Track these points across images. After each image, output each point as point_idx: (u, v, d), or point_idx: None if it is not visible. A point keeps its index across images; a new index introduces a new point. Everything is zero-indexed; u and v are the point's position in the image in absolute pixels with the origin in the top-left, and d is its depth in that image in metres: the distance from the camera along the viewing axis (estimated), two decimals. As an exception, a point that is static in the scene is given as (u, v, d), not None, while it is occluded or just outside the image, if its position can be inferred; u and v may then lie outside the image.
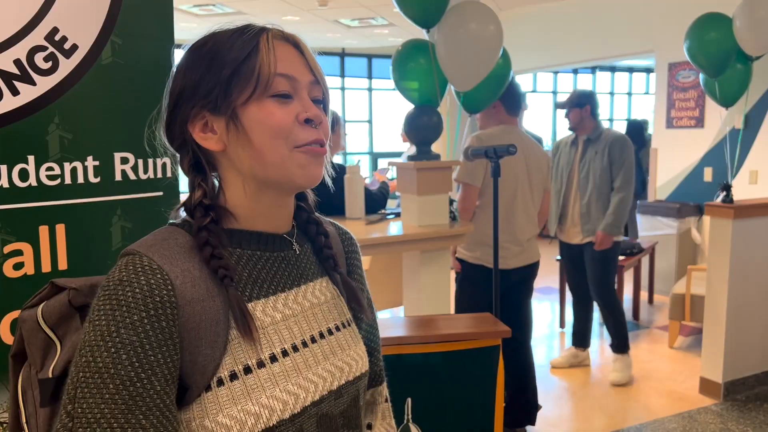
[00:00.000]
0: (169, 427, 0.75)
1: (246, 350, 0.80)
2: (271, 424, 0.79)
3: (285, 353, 0.84)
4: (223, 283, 0.80)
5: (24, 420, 0.92)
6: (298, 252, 0.93)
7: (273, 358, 0.82)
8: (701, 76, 3.77)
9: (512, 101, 3.07)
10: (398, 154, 6.26)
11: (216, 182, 0.89)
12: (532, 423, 3.14)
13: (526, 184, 3.02)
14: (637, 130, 6.88)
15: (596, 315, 4.43)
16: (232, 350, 0.79)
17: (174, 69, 0.87)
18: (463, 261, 3.10)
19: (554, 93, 10.90)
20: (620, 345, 3.88)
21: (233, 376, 0.78)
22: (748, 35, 3.41)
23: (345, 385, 0.90)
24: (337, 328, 0.93)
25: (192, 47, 0.86)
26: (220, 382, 0.78)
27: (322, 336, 0.90)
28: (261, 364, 0.81)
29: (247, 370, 0.79)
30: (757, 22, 3.37)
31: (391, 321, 2.49)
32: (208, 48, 0.84)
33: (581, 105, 3.72)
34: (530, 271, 3.10)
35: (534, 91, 10.84)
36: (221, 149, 0.84)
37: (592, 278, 3.87)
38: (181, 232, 0.84)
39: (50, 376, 0.89)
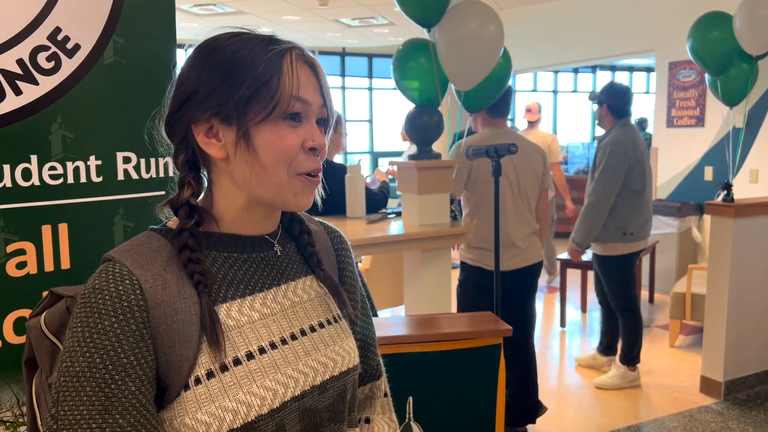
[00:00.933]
0: (148, 425, 0.77)
1: (215, 353, 0.81)
2: (249, 420, 0.80)
3: (262, 350, 0.85)
4: (197, 289, 0.82)
5: (40, 423, 0.94)
6: (279, 253, 0.94)
7: (249, 356, 0.84)
8: (706, 75, 3.77)
9: (494, 102, 3.05)
10: (399, 154, 6.27)
11: (206, 182, 0.90)
12: (533, 421, 3.14)
13: (515, 185, 3.00)
14: None
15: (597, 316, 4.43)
16: (208, 349, 0.81)
17: (186, 64, 0.87)
18: (464, 262, 3.10)
19: (554, 92, 10.91)
20: (625, 355, 3.75)
21: (210, 375, 0.80)
22: (749, 35, 3.42)
23: (329, 380, 0.91)
24: (321, 325, 0.94)
25: (210, 47, 0.86)
26: (198, 381, 0.80)
27: (303, 333, 0.91)
28: (237, 362, 0.82)
29: (224, 368, 0.81)
30: (757, 22, 3.37)
31: (392, 320, 2.50)
32: (228, 55, 0.84)
33: (600, 103, 3.62)
34: (530, 272, 3.08)
35: (534, 90, 10.84)
36: (223, 157, 0.85)
37: (605, 288, 3.77)
38: (156, 236, 0.86)
39: None
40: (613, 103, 3.57)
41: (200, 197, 0.89)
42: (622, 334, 3.78)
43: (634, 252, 3.63)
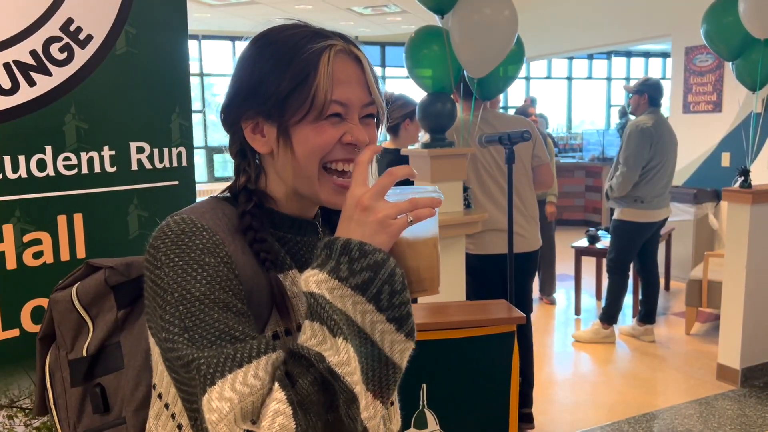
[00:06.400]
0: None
1: (286, 320, 0.83)
2: None
3: None
4: (264, 266, 0.83)
5: (51, 401, 0.94)
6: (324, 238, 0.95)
7: None
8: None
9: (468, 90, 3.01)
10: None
11: (259, 167, 0.91)
12: (529, 405, 3.10)
13: (496, 171, 2.96)
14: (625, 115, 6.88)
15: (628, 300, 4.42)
16: (275, 314, 0.82)
17: (239, 57, 0.88)
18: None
19: (569, 79, 10.82)
20: (603, 313, 4.28)
21: (275, 336, 0.81)
22: (755, 18, 3.33)
23: None
24: None
25: (259, 42, 0.87)
26: None
27: None
28: (299, 327, 0.83)
29: (288, 332, 0.82)
30: (763, 5, 3.28)
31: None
32: (273, 50, 0.84)
33: (641, 92, 4.08)
34: (524, 258, 2.99)
35: (548, 77, 10.76)
36: (268, 152, 0.86)
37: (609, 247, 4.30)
38: (225, 204, 0.87)
39: (84, 355, 0.91)
40: (654, 94, 4.08)
41: (257, 181, 0.90)
42: (606, 293, 4.28)
43: (643, 223, 4.03)
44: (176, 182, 1.41)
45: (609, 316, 4.25)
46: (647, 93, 4.08)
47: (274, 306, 0.82)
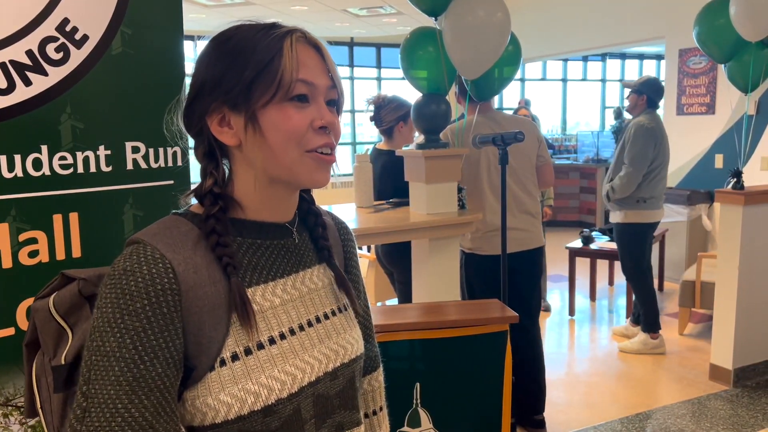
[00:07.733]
0: (168, 408, 0.79)
1: (247, 332, 0.84)
2: (269, 403, 0.83)
3: (283, 336, 0.87)
4: (225, 271, 0.83)
5: (39, 405, 0.95)
6: (297, 240, 0.96)
7: (272, 341, 0.86)
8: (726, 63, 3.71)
9: (464, 90, 3.04)
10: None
11: (227, 170, 0.91)
12: (542, 410, 3.14)
13: (493, 171, 2.97)
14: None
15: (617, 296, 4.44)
16: (234, 333, 0.83)
17: (197, 58, 0.90)
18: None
19: (564, 81, 10.85)
20: (644, 323, 4.14)
21: (234, 357, 0.82)
22: (746, 21, 3.35)
23: (340, 367, 0.93)
24: (333, 313, 0.97)
25: (217, 40, 0.88)
26: (223, 363, 0.82)
27: (318, 320, 0.93)
28: (261, 346, 0.85)
29: (248, 351, 0.83)
30: (753, 8, 3.30)
31: (400, 307, 2.51)
32: (233, 44, 0.86)
33: (640, 93, 4.04)
34: (526, 257, 3.02)
35: (543, 78, 10.78)
36: (236, 144, 0.87)
37: (620, 257, 4.19)
38: (183, 221, 0.87)
39: (63, 362, 0.92)
40: (653, 96, 4.05)
41: (224, 186, 0.90)
42: (637, 302, 4.16)
43: (648, 223, 4.02)
44: (171, 182, 1.42)
45: (650, 324, 4.12)
46: (647, 94, 4.04)
47: (236, 314, 0.83)
